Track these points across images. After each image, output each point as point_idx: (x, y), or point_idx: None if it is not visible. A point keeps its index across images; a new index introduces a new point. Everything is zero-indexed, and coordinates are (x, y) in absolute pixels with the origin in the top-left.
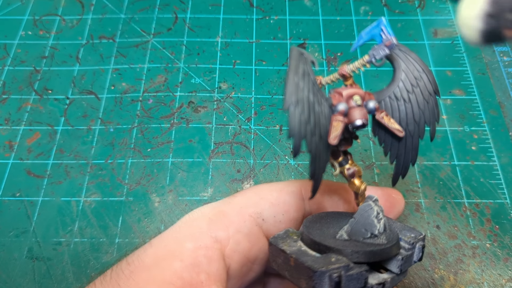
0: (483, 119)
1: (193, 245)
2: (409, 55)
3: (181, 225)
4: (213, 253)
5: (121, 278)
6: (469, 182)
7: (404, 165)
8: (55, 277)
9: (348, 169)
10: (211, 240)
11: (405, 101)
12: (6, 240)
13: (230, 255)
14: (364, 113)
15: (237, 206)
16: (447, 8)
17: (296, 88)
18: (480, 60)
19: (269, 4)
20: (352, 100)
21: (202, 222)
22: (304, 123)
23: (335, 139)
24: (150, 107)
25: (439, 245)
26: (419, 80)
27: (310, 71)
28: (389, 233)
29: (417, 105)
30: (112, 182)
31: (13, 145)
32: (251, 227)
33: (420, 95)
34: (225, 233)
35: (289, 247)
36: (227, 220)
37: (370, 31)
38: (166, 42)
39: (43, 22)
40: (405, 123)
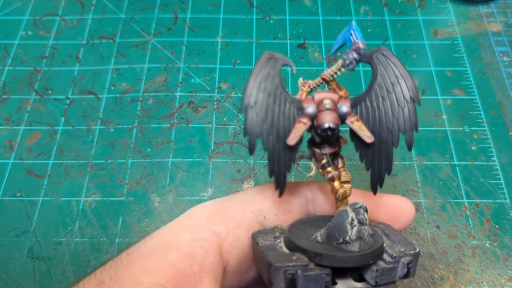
0: (483, 119)
1: (190, 236)
2: (390, 60)
3: (181, 218)
4: (210, 246)
5: (119, 268)
6: (469, 182)
7: (378, 173)
8: (55, 276)
9: (328, 172)
10: (209, 233)
11: (378, 107)
12: (6, 240)
13: (228, 250)
14: (333, 116)
15: (239, 202)
16: (447, 8)
17: (254, 91)
18: (480, 60)
19: (269, 4)
20: (322, 103)
21: (202, 216)
22: (260, 123)
23: (292, 140)
24: (150, 107)
25: (439, 245)
26: (395, 86)
27: (276, 74)
28: (367, 242)
29: (390, 112)
30: (112, 182)
31: (13, 145)
32: (252, 224)
33: (395, 101)
34: (224, 228)
35: (264, 241)
36: (228, 215)
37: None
38: (166, 42)
39: (43, 22)
40: (377, 130)
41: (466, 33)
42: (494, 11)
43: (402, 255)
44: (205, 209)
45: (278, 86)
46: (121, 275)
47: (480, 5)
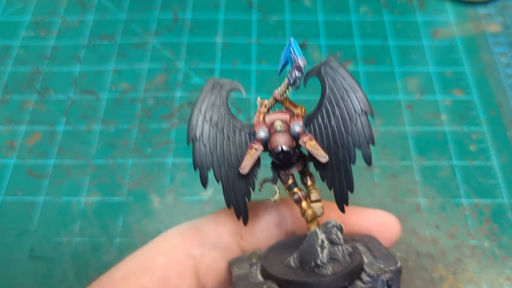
0: (481, 120)
1: (164, 259)
2: (338, 72)
3: (155, 241)
4: (185, 269)
5: None
6: (468, 182)
7: (341, 192)
8: (56, 276)
9: (294, 193)
10: (184, 256)
11: (330, 123)
12: (8, 240)
13: (205, 272)
14: (285, 138)
15: (214, 223)
16: (446, 9)
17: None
18: (478, 61)
19: (269, 4)
20: (273, 126)
21: (176, 238)
22: (209, 155)
23: (245, 168)
24: (150, 107)
25: (438, 244)
26: (345, 100)
27: (223, 102)
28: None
29: (343, 128)
30: (112, 182)
31: (14, 145)
32: (229, 244)
33: (346, 116)
34: (199, 250)
35: (238, 270)
36: (203, 237)
37: (284, 53)
38: (166, 42)
39: (44, 23)
40: (331, 147)
41: (464, 34)
42: (492, 12)
43: (381, 273)
44: (180, 231)
45: (225, 114)
46: None
47: (478, 6)
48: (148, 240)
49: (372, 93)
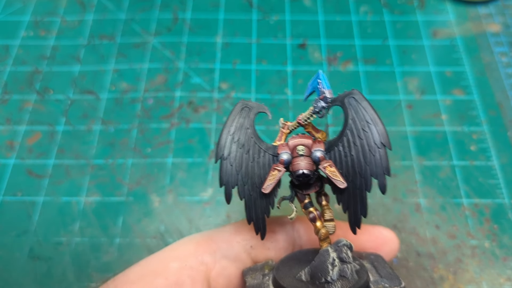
0: (482, 120)
1: (178, 265)
2: (361, 104)
3: (169, 247)
4: (198, 275)
5: None
6: (468, 182)
7: (355, 216)
8: (56, 276)
9: (310, 212)
10: (196, 262)
11: (350, 153)
12: (7, 240)
13: (215, 279)
14: (306, 163)
15: (226, 233)
16: (446, 9)
17: (227, 143)
18: (478, 60)
19: (269, 4)
20: (296, 149)
21: (190, 245)
22: (234, 173)
23: (267, 189)
24: (150, 107)
25: (439, 244)
26: (366, 132)
27: (250, 124)
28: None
29: (362, 158)
30: (112, 182)
31: (14, 145)
32: (239, 253)
33: (366, 147)
34: (211, 257)
35: (252, 280)
36: (215, 245)
37: (312, 83)
38: (166, 42)
39: (44, 22)
40: (350, 175)
41: (465, 33)
42: (492, 12)
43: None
44: (193, 239)
45: (252, 136)
46: None
47: (479, 6)
48: (148, 241)
49: (372, 93)
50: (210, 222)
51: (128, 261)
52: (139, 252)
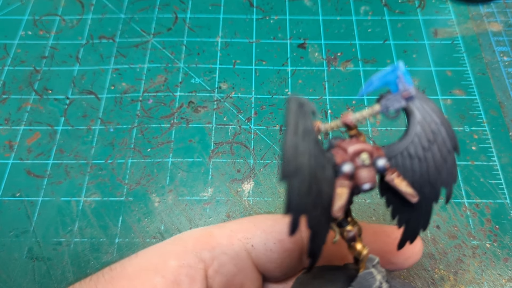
0: (483, 119)
1: (176, 263)
2: (427, 104)
3: (168, 241)
4: (196, 273)
5: (100, 282)
6: (469, 182)
7: (413, 231)
8: (55, 277)
9: (348, 231)
10: (195, 259)
11: (420, 159)
12: (6, 240)
13: (212, 275)
14: (372, 174)
15: (227, 229)
16: (447, 8)
17: (295, 153)
18: (480, 60)
19: (269, 4)
20: (359, 158)
21: (189, 241)
22: (304, 196)
23: (339, 212)
24: (150, 107)
25: (439, 245)
26: (436, 135)
27: (311, 127)
28: None
29: (433, 164)
30: (112, 182)
31: (13, 145)
32: (239, 251)
33: (437, 153)
34: (210, 253)
35: None
36: (214, 241)
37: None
38: (166, 42)
39: (43, 22)
40: (418, 185)
41: (466, 33)
42: (494, 11)
43: None
44: (193, 234)
45: (316, 143)
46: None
47: (480, 5)
48: (148, 241)
49: (372, 93)
50: (210, 222)
51: None
52: None
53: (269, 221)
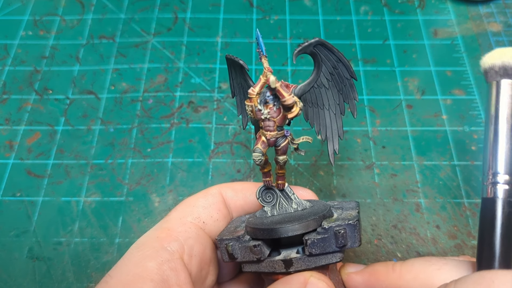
0: (482, 119)
1: (155, 263)
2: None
3: (132, 252)
4: (176, 264)
5: None
6: (469, 182)
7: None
8: (55, 276)
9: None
10: (169, 253)
11: (326, 87)
12: (6, 240)
13: (188, 261)
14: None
15: (176, 219)
16: (447, 8)
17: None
18: (479, 60)
19: (269, 4)
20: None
21: (152, 243)
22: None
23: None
24: (150, 107)
25: (439, 245)
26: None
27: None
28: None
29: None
30: (112, 182)
31: (13, 145)
32: (197, 231)
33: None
34: (177, 243)
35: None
36: (174, 232)
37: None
38: (166, 42)
39: (43, 22)
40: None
41: (466, 33)
42: (493, 11)
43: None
44: (150, 236)
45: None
46: None
47: (479, 5)
48: None
49: (372, 93)
50: None
51: None
52: None
53: (200, 198)
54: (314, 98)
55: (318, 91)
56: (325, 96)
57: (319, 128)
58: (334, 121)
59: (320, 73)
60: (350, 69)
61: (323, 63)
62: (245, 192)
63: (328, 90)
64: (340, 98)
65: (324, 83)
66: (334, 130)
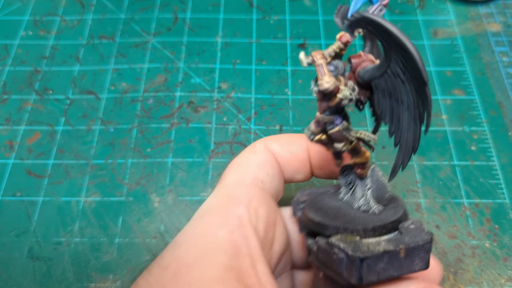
0: (482, 119)
1: (225, 231)
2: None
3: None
4: (246, 230)
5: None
6: (469, 182)
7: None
8: (55, 276)
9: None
10: (237, 219)
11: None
12: (6, 240)
13: (255, 224)
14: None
15: (234, 183)
16: (447, 9)
17: None
18: (479, 60)
19: (269, 4)
20: None
21: (218, 210)
22: None
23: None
24: (150, 107)
25: (439, 245)
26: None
27: None
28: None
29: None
30: (112, 182)
31: (13, 145)
32: (258, 192)
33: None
34: (242, 208)
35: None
36: (237, 195)
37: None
38: (166, 42)
39: (43, 22)
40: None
41: (465, 33)
42: (493, 12)
43: None
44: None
45: None
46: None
47: (479, 6)
48: (148, 241)
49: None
50: None
51: (128, 261)
52: (139, 252)
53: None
54: (390, 87)
55: (393, 80)
56: (403, 90)
57: (393, 128)
58: (411, 127)
59: (390, 59)
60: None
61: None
62: (291, 146)
63: (404, 85)
64: (419, 100)
65: (398, 72)
66: (410, 138)
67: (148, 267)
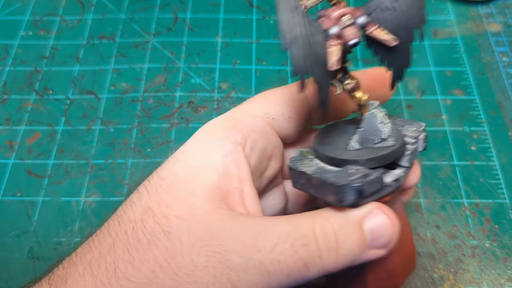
0: (482, 119)
1: (220, 154)
2: None
3: (199, 137)
4: (238, 157)
5: (161, 193)
6: (469, 182)
7: (399, 71)
8: None
9: (348, 84)
10: (233, 145)
11: (393, 10)
12: (7, 240)
13: (249, 154)
14: (355, 31)
15: (246, 111)
16: (447, 9)
17: (289, 26)
18: (479, 60)
19: (269, 4)
20: (341, 20)
21: (219, 133)
22: (304, 59)
23: (334, 66)
24: (150, 107)
25: (439, 245)
26: None
27: (297, 3)
28: (395, 133)
29: (403, 12)
30: (112, 182)
31: (13, 145)
32: (264, 126)
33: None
34: (241, 135)
35: (308, 168)
36: (241, 124)
37: None
38: (166, 42)
39: (43, 22)
40: (395, 31)
41: (465, 33)
42: (493, 12)
43: (419, 133)
44: (218, 124)
45: (304, 14)
46: (170, 200)
47: (479, 6)
48: None
49: None
50: None
51: None
52: None
53: (277, 94)
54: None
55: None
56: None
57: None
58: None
59: None
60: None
61: None
62: None
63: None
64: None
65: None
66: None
67: (149, 177)
